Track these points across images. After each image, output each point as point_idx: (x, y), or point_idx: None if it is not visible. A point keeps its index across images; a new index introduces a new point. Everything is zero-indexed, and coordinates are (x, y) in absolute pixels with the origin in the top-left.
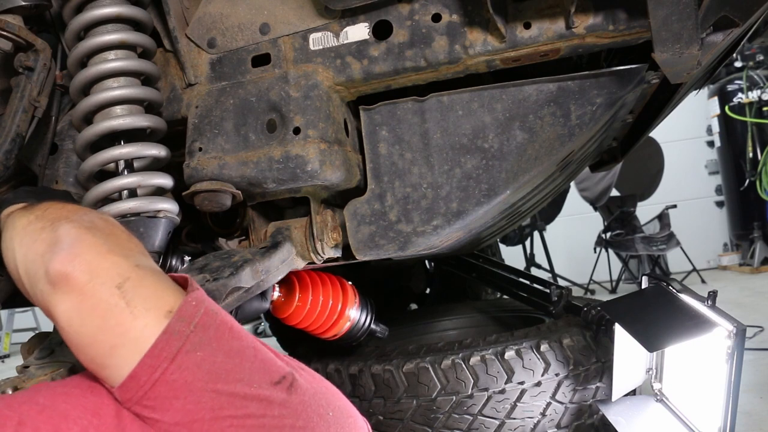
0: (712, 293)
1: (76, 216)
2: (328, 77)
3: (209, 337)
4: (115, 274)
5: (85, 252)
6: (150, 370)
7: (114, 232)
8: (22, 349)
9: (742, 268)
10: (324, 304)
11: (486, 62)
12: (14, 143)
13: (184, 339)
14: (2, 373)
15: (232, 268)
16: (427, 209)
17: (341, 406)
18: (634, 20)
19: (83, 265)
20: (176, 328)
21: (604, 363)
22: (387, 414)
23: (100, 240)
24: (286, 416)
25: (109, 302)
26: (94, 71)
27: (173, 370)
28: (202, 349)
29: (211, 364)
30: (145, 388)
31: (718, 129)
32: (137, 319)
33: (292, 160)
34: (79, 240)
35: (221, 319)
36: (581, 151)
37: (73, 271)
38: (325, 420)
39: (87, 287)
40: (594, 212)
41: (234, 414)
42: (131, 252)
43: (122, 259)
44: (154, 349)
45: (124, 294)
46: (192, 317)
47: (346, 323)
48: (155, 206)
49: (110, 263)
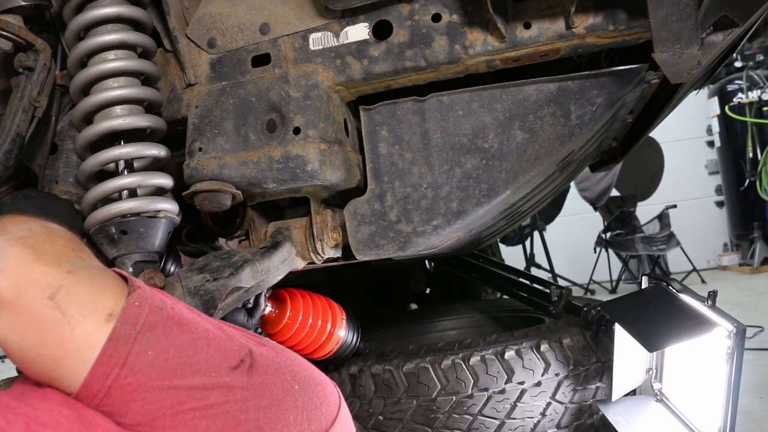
0: (712, 293)
1: (14, 227)
2: (328, 77)
3: (158, 335)
4: (45, 285)
5: (10, 266)
6: (102, 378)
7: (51, 238)
8: None
9: (742, 268)
10: (313, 324)
11: (486, 62)
12: (14, 143)
13: (131, 342)
14: (2, 373)
15: (232, 268)
16: (427, 209)
17: (307, 376)
18: (634, 20)
19: (8, 280)
20: (122, 332)
21: (604, 363)
22: (387, 414)
23: (28, 251)
24: (250, 398)
25: (43, 315)
26: (94, 71)
27: (125, 374)
28: (153, 348)
29: (164, 362)
30: (99, 396)
31: (718, 129)
32: (76, 328)
33: (292, 160)
34: (4, 254)
35: (167, 315)
36: (581, 151)
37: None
38: (291, 394)
39: (17, 302)
40: (594, 212)
41: (195, 406)
42: (64, 257)
43: (52, 267)
44: (103, 357)
45: (58, 304)
46: (137, 318)
47: (336, 343)
48: (155, 206)
49: (39, 273)
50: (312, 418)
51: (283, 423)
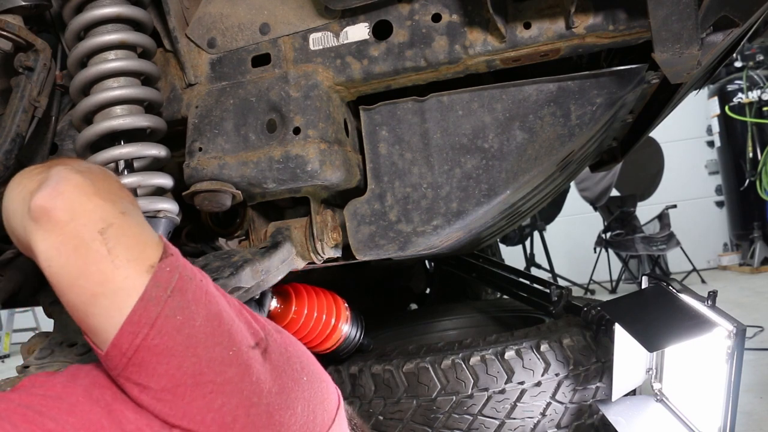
0: (712, 293)
1: (73, 162)
2: (328, 77)
3: (187, 301)
4: (98, 218)
5: (69, 191)
6: (130, 336)
7: (107, 178)
8: (22, 349)
9: (742, 268)
10: (318, 318)
11: (486, 62)
12: (14, 143)
13: (162, 304)
14: (2, 373)
15: (232, 268)
16: (427, 209)
17: (315, 371)
18: (634, 20)
19: (65, 203)
20: (153, 294)
21: (604, 363)
22: (387, 414)
23: (87, 181)
24: (263, 381)
25: (90, 247)
26: (94, 71)
27: (153, 335)
28: (181, 313)
29: (191, 328)
30: (128, 354)
31: (718, 129)
32: (118, 269)
33: (292, 160)
34: (65, 179)
35: (197, 285)
36: (581, 151)
37: (53, 208)
38: (300, 384)
39: (68, 227)
40: (594, 212)
41: (214, 379)
42: (119, 198)
43: (108, 203)
44: (133, 316)
45: (106, 240)
46: (168, 282)
47: (339, 337)
48: (155, 206)
49: (94, 205)
50: (316, 411)
51: (292, 411)
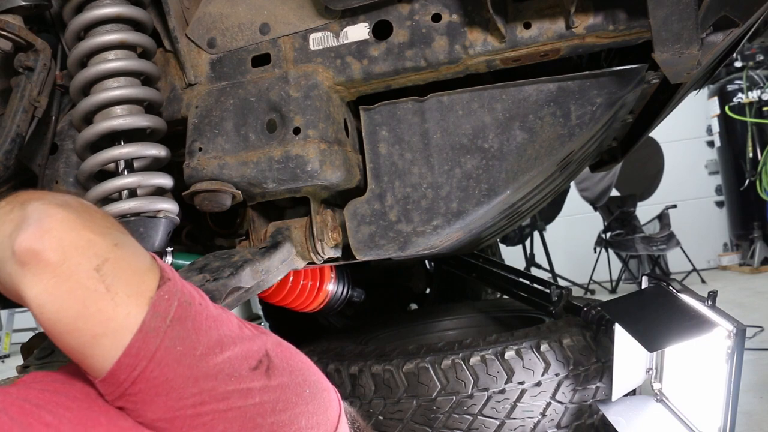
0: (712, 293)
1: (48, 196)
2: (328, 77)
3: (187, 329)
4: (91, 254)
5: (56, 228)
6: (128, 369)
7: (89, 208)
8: (22, 349)
9: (742, 268)
10: (304, 285)
11: (486, 62)
12: (14, 143)
13: (161, 336)
14: (2, 373)
15: (232, 268)
16: (427, 209)
17: (316, 381)
18: (634, 20)
19: (54, 242)
20: (152, 325)
21: (604, 363)
22: (387, 414)
23: (73, 215)
24: (267, 402)
25: (88, 286)
26: (94, 71)
27: (152, 368)
28: (181, 343)
29: (192, 358)
30: (124, 385)
31: (718, 129)
32: (119, 306)
33: (292, 160)
34: (48, 215)
35: (196, 310)
36: (581, 151)
37: (43, 249)
38: (303, 398)
39: (62, 268)
40: (594, 212)
41: (215, 408)
42: (107, 229)
43: (98, 236)
44: (131, 349)
45: (103, 277)
46: (167, 311)
47: (325, 296)
48: (155, 206)
49: (86, 241)
50: (320, 423)
51: (296, 427)
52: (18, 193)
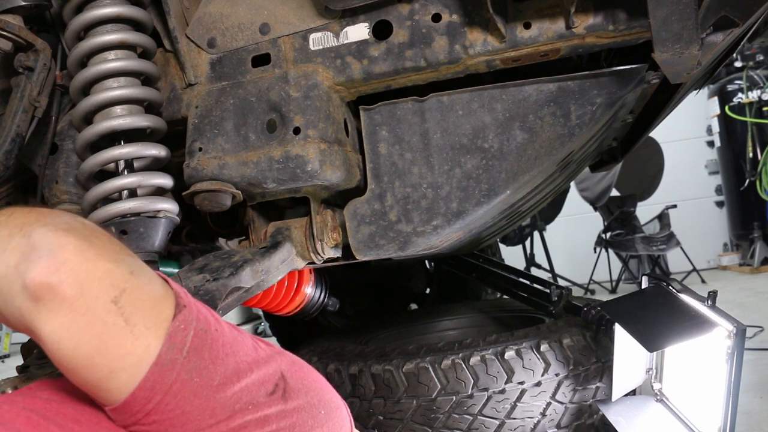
0: (712, 293)
1: (49, 219)
2: (328, 77)
3: (204, 360)
4: (108, 285)
5: (71, 259)
6: (143, 402)
7: (95, 233)
8: (22, 349)
9: (742, 268)
10: (280, 283)
11: (486, 62)
12: (14, 143)
13: (178, 368)
14: (2, 373)
15: (232, 268)
16: (427, 209)
17: (329, 400)
18: (634, 20)
19: (70, 276)
20: (168, 357)
21: (604, 363)
22: (387, 414)
23: (84, 243)
24: (283, 428)
25: (106, 321)
26: (94, 71)
27: (168, 401)
28: (199, 375)
29: (209, 389)
30: (138, 416)
31: (718, 129)
32: (138, 339)
33: (292, 160)
34: (60, 246)
35: (212, 338)
36: (581, 151)
37: (59, 283)
38: (318, 420)
39: (79, 302)
40: (594, 212)
41: None
42: (120, 255)
43: (113, 264)
44: (147, 382)
45: (121, 309)
46: (183, 342)
47: (302, 299)
48: (155, 206)
49: (102, 271)
50: None
51: None
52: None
